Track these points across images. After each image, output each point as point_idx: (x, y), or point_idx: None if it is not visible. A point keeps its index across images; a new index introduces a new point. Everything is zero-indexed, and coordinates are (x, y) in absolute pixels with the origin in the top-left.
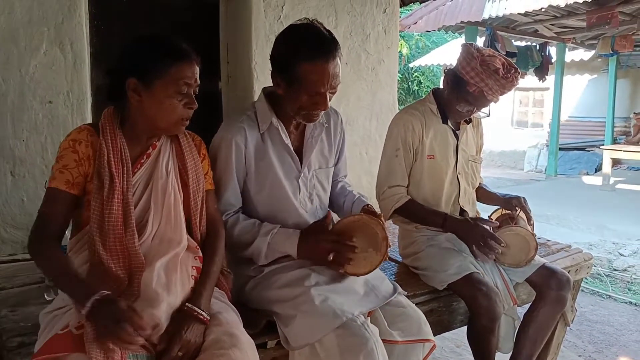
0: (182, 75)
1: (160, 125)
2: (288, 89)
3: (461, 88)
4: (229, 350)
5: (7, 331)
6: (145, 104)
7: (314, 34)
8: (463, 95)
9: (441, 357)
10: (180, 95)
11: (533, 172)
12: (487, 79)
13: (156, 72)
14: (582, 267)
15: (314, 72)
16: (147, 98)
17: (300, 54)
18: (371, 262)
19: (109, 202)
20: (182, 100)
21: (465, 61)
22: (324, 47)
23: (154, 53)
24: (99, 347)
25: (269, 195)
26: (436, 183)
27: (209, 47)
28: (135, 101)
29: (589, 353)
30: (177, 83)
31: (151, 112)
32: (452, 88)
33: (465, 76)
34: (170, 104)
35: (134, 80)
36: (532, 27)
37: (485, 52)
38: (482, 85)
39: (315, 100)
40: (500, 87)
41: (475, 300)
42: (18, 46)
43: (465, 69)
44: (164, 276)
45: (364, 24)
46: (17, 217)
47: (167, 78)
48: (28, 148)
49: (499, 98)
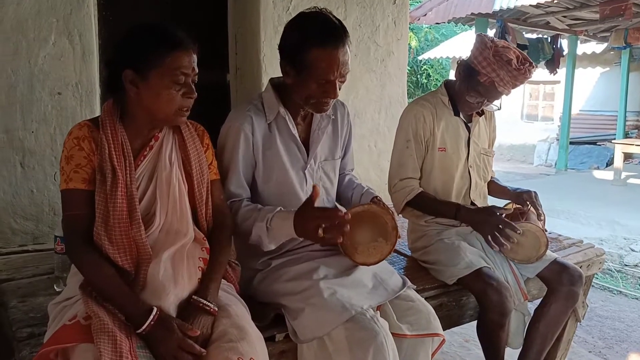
0: (179, 65)
1: (159, 116)
2: (297, 77)
3: (472, 78)
4: (237, 343)
5: (17, 322)
6: (143, 95)
7: (324, 20)
8: (474, 86)
9: (450, 351)
10: (178, 85)
11: (543, 167)
12: (499, 69)
13: (151, 62)
14: (594, 262)
15: (323, 58)
16: (144, 89)
17: (309, 40)
18: (381, 252)
19: (112, 196)
20: (180, 90)
21: (478, 51)
22: (333, 33)
23: (148, 43)
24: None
25: (276, 185)
26: (447, 176)
27: (218, 39)
28: (132, 93)
29: (599, 349)
30: (174, 73)
31: (149, 103)
32: (464, 78)
33: (477, 66)
34: (167, 95)
35: (130, 72)
36: (544, 19)
37: (499, 43)
38: (493, 76)
39: (325, 88)
40: (512, 79)
41: (486, 295)
42: (27, 37)
43: (478, 58)
44: (170, 268)
45: (373, 15)
46: (26, 208)
47: (163, 68)
48: (37, 139)
49: (510, 90)
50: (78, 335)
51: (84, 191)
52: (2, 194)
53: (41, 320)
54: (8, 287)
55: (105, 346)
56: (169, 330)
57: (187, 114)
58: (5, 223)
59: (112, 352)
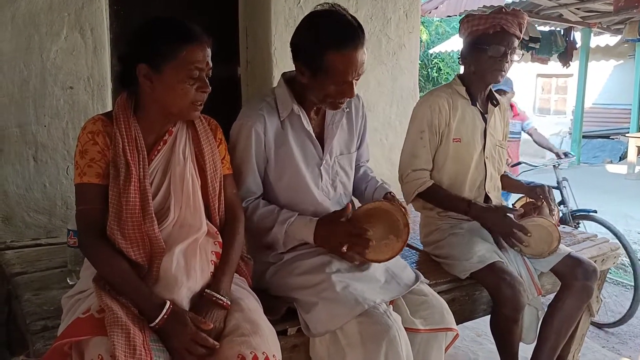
0: (193, 59)
1: (173, 110)
2: (313, 78)
3: (482, 42)
4: (249, 337)
5: (31, 314)
6: (157, 89)
7: (340, 21)
8: (487, 46)
9: (462, 346)
10: (192, 79)
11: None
12: (496, 16)
13: (166, 56)
14: (609, 257)
15: (341, 61)
16: (158, 83)
17: (327, 44)
18: (392, 249)
19: (125, 190)
20: (195, 84)
21: (469, 24)
22: (351, 35)
23: (163, 37)
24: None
25: (289, 182)
26: (461, 167)
27: (229, 32)
28: (147, 87)
29: (613, 344)
30: (188, 67)
31: (163, 97)
32: (475, 55)
33: (479, 28)
34: (182, 89)
35: (144, 66)
36: (557, 11)
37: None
38: (497, 21)
39: (343, 89)
40: (512, 17)
41: (499, 290)
42: (39, 31)
43: (475, 25)
44: (183, 261)
45: (384, 8)
46: (39, 202)
47: (177, 62)
48: (50, 134)
49: (519, 33)
50: (92, 328)
51: (97, 185)
52: (15, 188)
53: (55, 313)
54: (22, 280)
55: (119, 339)
56: (182, 324)
57: (201, 108)
58: (19, 217)
59: (125, 345)
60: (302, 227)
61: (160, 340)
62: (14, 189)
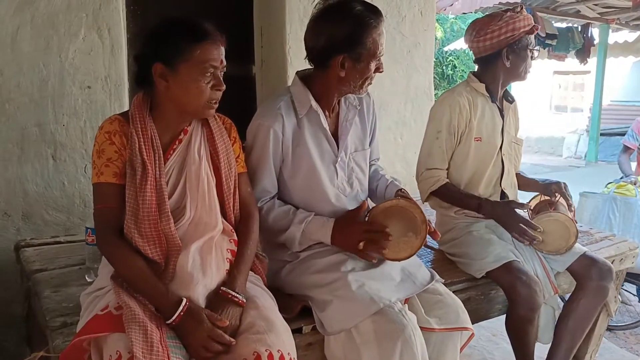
0: (207, 58)
1: (189, 109)
2: (356, 65)
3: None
4: (264, 335)
5: (50, 311)
6: (173, 88)
7: (363, 2)
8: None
9: (477, 346)
10: (207, 77)
11: (572, 159)
12: (511, 25)
13: (180, 55)
14: (627, 256)
15: (378, 36)
16: (173, 82)
17: (368, 25)
18: (411, 247)
19: (142, 189)
20: (209, 83)
21: (481, 38)
22: (376, 10)
23: (177, 36)
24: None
25: (304, 180)
26: (480, 165)
27: (243, 31)
28: (162, 86)
29: (631, 344)
30: (203, 66)
31: (179, 96)
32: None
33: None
34: (197, 87)
35: (160, 65)
36: (574, 7)
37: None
38: (529, 22)
39: (378, 64)
40: (524, 20)
41: (515, 289)
42: (57, 32)
43: (488, 41)
44: (199, 258)
45: (399, 5)
46: (58, 200)
47: (192, 61)
48: (68, 132)
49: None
50: (110, 325)
51: (114, 185)
52: (34, 187)
53: (73, 310)
54: (41, 277)
55: (137, 336)
56: (199, 321)
57: (216, 106)
58: (38, 215)
59: (143, 341)
60: (319, 227)
61: (177, 337)
62: (33, 188)
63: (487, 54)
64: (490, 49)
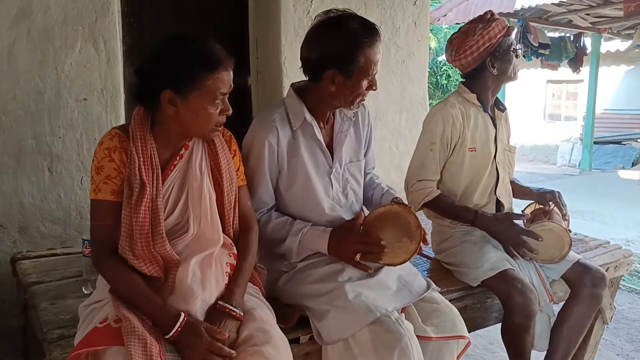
0: (219, 87)
1: (195, 132)
2: (348, 80)
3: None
4: (262, 347)
5: (48, 323)
6: (181, 114)
7: (361, 20)
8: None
9: (474, 354)
10: (217, 105)
11: (566, 167)
12: (486, 35)
13: (192, 84)
14: (622, 264)
15: (372, 54)
16: (183, 109)
17: (361, 43)
18: (406, 252)
19: (136, 209)
20: (218, 109)
21: (462, 56)
22: (374, 29)
23: (188, 65)
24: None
25: (299, 191)
26: (475, 175)
27: (239, 43)
28: (170, 112)
29: (627, 352)
30: (214, 94)
31: (187, 121)
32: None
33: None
34: (206, 114)
35: (169, 92)
36: (566, 17)
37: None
38: (503, 24)
39: (371, 82)
40: (498, 26)
41: (510, 297)
42: (54, 44)
43: (469, 56)
44: (199, 272)
45: (393, 16)
46: (54, 213)
47: (204, 90)
48: (64, 145)
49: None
50: (109, 338)
51: (112, 202)
52: (31, 199)
53: (71, 322)
54: (38, 289)
55: (136, 349)
56: (197, 335)
57: (221, 128)
58: (34, 227)
59: (142, 354)
60: (316, 238)
61: (176, 350)
62: (29, 200)
63: (472, 69)
64: (474, 63)
